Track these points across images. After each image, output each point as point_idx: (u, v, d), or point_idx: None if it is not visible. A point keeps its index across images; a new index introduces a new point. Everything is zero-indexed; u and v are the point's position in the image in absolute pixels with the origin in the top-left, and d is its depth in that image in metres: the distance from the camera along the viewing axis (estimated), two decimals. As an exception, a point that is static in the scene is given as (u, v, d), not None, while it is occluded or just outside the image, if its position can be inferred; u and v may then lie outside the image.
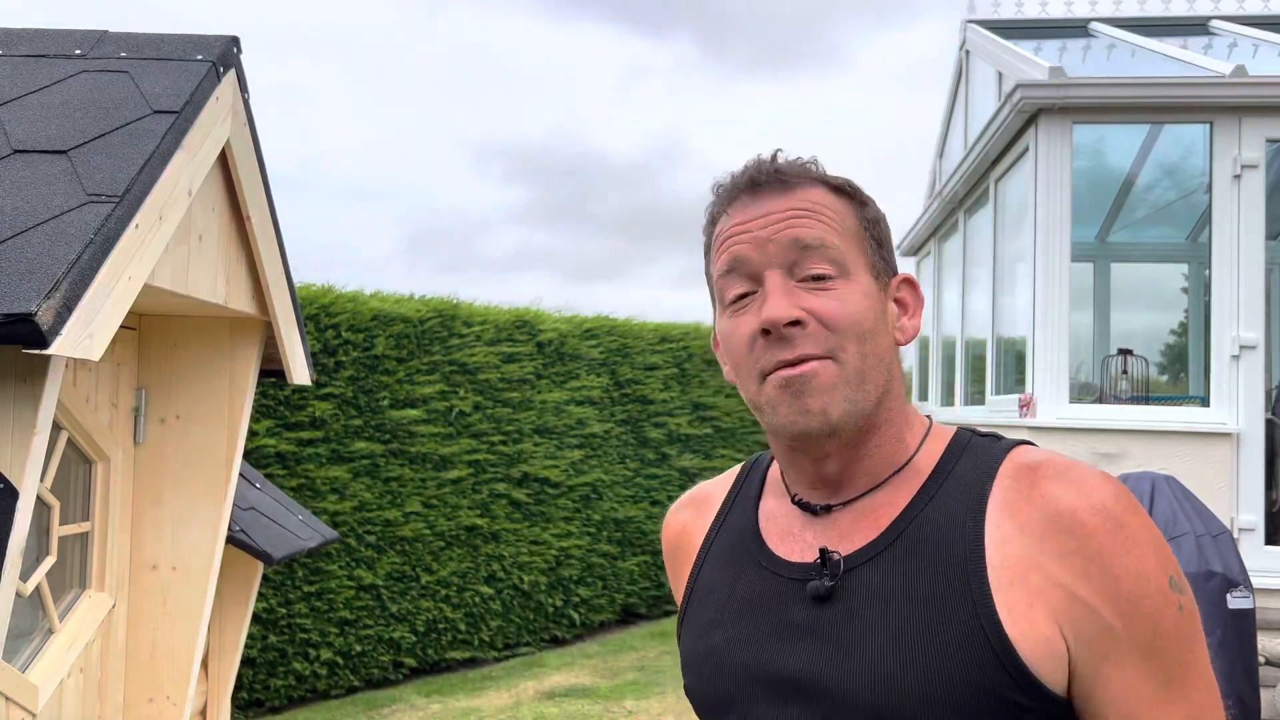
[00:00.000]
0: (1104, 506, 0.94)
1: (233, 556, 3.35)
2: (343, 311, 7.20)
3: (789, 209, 1.02)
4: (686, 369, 10.11)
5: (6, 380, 1.95)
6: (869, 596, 0.97)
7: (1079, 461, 1.00)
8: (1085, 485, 0.95)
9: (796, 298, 1.00)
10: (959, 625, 0.93)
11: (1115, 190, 6.78)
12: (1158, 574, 0.94)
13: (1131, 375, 5.61)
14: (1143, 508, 0.98)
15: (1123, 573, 0.93)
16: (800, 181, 1.04)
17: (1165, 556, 0.96)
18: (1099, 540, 0.93)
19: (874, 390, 1.01)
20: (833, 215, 1.03)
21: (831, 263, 1.01)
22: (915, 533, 0.98)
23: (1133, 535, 0.94)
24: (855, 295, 1.00)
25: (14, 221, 2.01)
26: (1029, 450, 1.02)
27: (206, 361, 3.00)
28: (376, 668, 7.35)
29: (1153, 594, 0.93)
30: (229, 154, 2.71)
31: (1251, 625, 3.31)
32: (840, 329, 0.99)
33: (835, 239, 1.01)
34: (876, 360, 1.01)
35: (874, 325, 1.01)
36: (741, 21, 70.58)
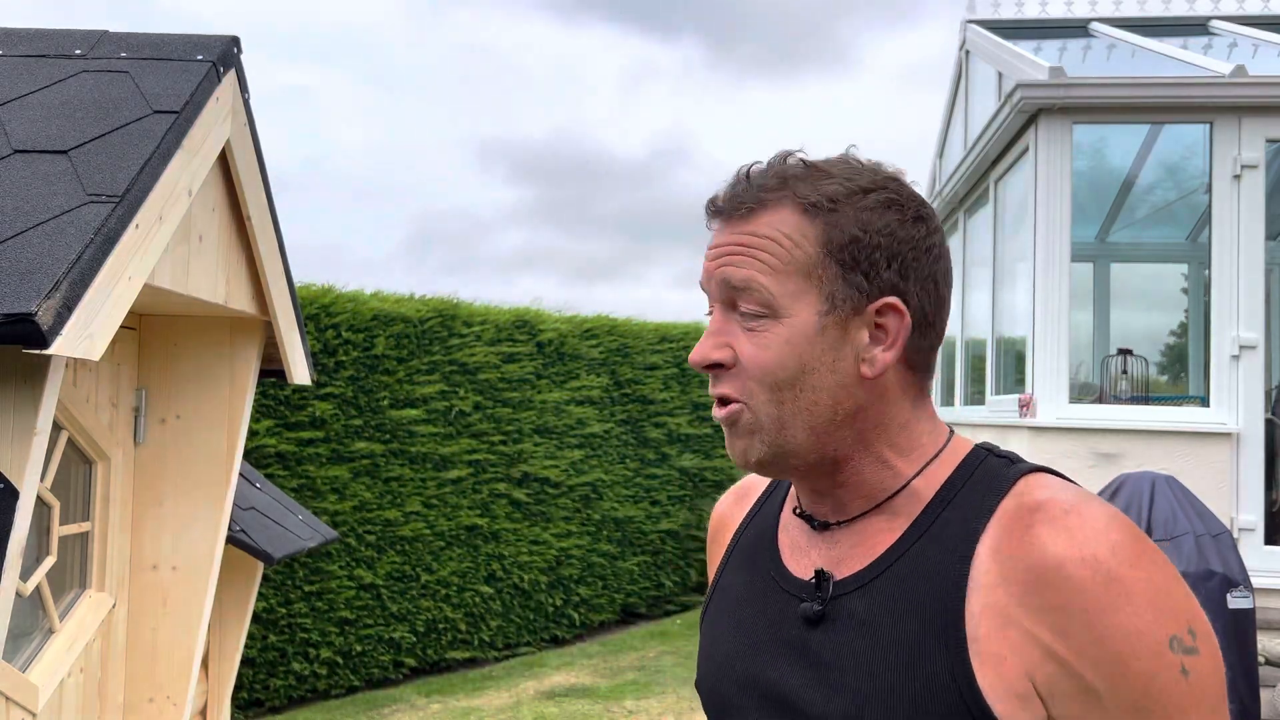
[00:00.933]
0: (1094, 558, 0.88)
1: (233, 556, 3.35)
2: (343, 311, 7.20)
3: (730, 244, 1.00)
4: (686, 369, 10.11)
5: (6, 380, 1.95)
6: (855, 626, 0.97)
7: (1089, 500, 0.92)
8: (1080, 533, 0.89)
9: (726, 337, 1.00)
10: (933, 670, 0.91)
11: (1115, 190, 6.78)
12: (1154, 633, 0.87)
13: (1131, 375, 5.61)
14: (1155, 557, 0.89)
15: (1107, 632, 0.87)
16: (761, 206, 1.00)
17: (1168, 613, 0.88)
18: (1084, 596, 0.88)
19: (804, 434, 0.98)
20: (778, 248, 0.98)
21: (759, 304, 0.98)
22: (905, 566, 0.97)
23: (1126, 590, 0.87)
24: (777, 341, 0.97)
25: (14, 221, 2.01)
26: (1039, 483, 0.96)
27: (206, 361, 3.00)
28: (376, 668, 7.35)
29: (1143, 655, 0.87)
30: (229, 154, 2.71)
31: (1251, 625, 3.31)
32: (752, 376, 0.98)
33: (765, 278, 0.98)
34: (809, 403, 0.98)
35: (799, 369, 0.97)
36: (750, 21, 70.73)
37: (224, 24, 43.91)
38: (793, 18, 73.74)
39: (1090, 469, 4.48)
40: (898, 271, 0.99)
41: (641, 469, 9.61)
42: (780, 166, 1.03)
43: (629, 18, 72.22)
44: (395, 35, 53.63)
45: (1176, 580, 0.90)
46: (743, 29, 74.20)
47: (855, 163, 1.03)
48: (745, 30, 74.22)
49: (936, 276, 1.01)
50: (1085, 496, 0.93)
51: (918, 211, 1.01)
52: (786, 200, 1.00)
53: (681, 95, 58.31)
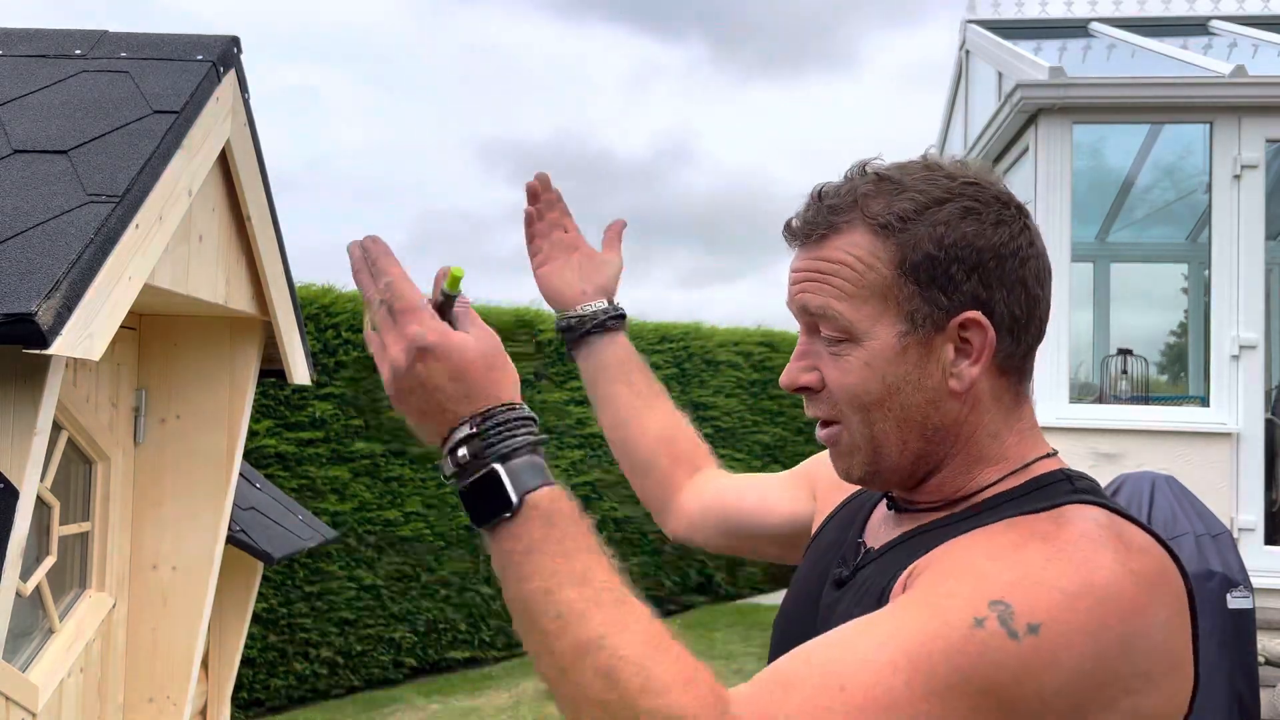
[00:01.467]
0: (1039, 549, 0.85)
1: (233, 556, 3.35)
2: (343, 311, 7.20)
3: (805, 270, 1.01)
4: (686, 369, 10.11)
5: (6, 380, 1.95)
6: (859, 585, 1.01)
7: (1099, 542, 0.86)
8: (1058, 540, 0.86)
9: (813, 360, 1.01)
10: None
11: (1115, 190, 6.78)
12: (995, 586, 0.82)
13: (1131, 375, 5.61)
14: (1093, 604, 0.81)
15: (966, 563, 0.86)
16: (833, 230, 0.99)
17: (1030, 595, 0.81)
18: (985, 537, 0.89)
19: (898, 452, 0.99)
20: (850, 272, 0.98)
21: (837, 330, 0.98)
22: (910, 545, 0.98)
23: (1024, 558, 0.84)
24: (857, 365, 0.98)
25: (14, 221, 2.01)
26: (1076, 513, 0.91)
27: (206, 361, 3.00)
28: (377, 667, 7.34)
29: (964, 581, 0.83)
30: (229, 154, 2.71)
31: (1251, 625, 3.30)
32: (840, 400, 0.99)
33: (840, 304, 0.98)
34: (899, 421, 0.98)
35: (885, 390, 0.97)
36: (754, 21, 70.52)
37: (226, 24, 43.94)
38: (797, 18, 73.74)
39: (1090, 469, 4.46)
40: (980, 282, 0.97)
41: (641, 469, 9.61)
42: (852, 184, 1.01)
43: (633, 18, 72.19)
44: (398, 35, 53.68)
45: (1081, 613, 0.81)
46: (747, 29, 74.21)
47: (935, 168, 1.01)
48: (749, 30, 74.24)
49: (1025, 279, 0.99)
50: (1108, 539, 0.87)
51: (999, 216, 0.98)
52: (857, 222, 0.98)
53: (685, 95, 58.30)
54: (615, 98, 54.01)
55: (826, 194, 1.01)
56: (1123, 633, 0.82)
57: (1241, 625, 3.25)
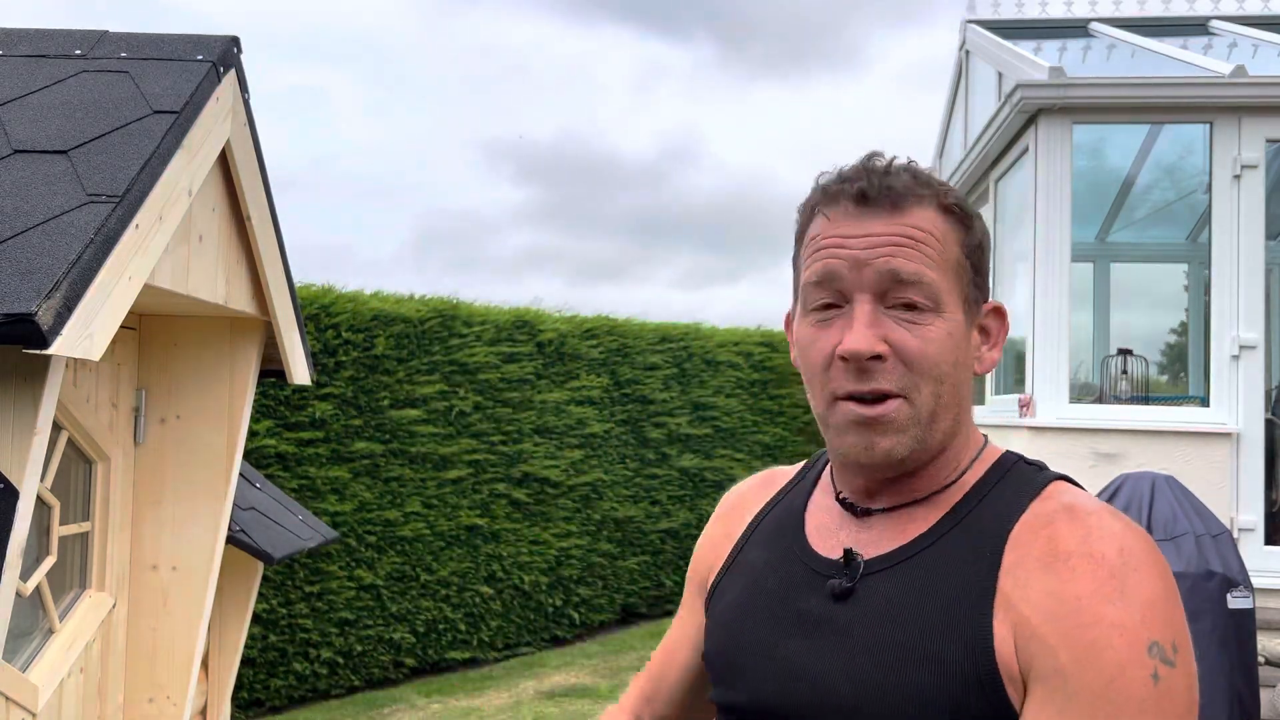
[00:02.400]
0: (1102, 554, 0.92)
1: (233, 556, 3.35)
2: (343, 311, 7.20)
3: (892, 235, 1.00)
4: (686, 369, 10.11)
5: (7, 380, 1.95)
6: (882, 604, 0.99)
7: (1110, 511, 0.96)
8: (1095, 532, 0.93)
9: (882, 328, 0.99)
10: (955, 652, 0.93)
11: (1115, 190, 6.78)
12: (1137, 632, 0.88)
13: (1131, 375, 5.61)
14: (1161, 570, 0.92)
15: (1093, 619, 0.89)
16: (910, 201, 1.01)
17: (1158, 621, 0.89)
18: (1079, 584, 0.90)
19: (943, 428, 1.02)
20: (936, 245, 1.01)
21: (926, 298, 0.99)
22: (937, 552, 0.99)
23: (1121, 588, 0.90)
24: (941, 335, 0.99)
25: (14, 221, 2.01)
26: (1064, 489, 1.01)
27: (206, 361, 3.00)
28: (377, 667, 7.35)
29: (1120, 648, 0.88)
30: (229, 154, 2.71)
31: (1251, 625, 3.31)
32: (919, 370, 0.99)
33: (933, 273, 1.00)
34: (951, 398, 1.01)
35: (954, 364, 1.01)
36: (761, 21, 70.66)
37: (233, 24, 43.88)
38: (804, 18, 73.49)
39: (1090, 469, 4.48)
40: (990, 278, 1.08)
41: (641, 469, 9.61)
42: (902, 166, 1.04)
43: (641, 18, 72.03)
44: (405, 35, 53.56)
45: (1174, 596, 0.92)
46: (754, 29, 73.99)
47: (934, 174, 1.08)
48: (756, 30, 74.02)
49: None
50: (1108, 507, 0.97)
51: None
52: (931, 200, 1.02)
53: (691, 96, 58.10)
54: (621, 98, 53.95)
55: (887, 170, 1.03)
56: (1176, 590, 0.94)
57: (1241, 625, 3.25)
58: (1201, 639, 3.20)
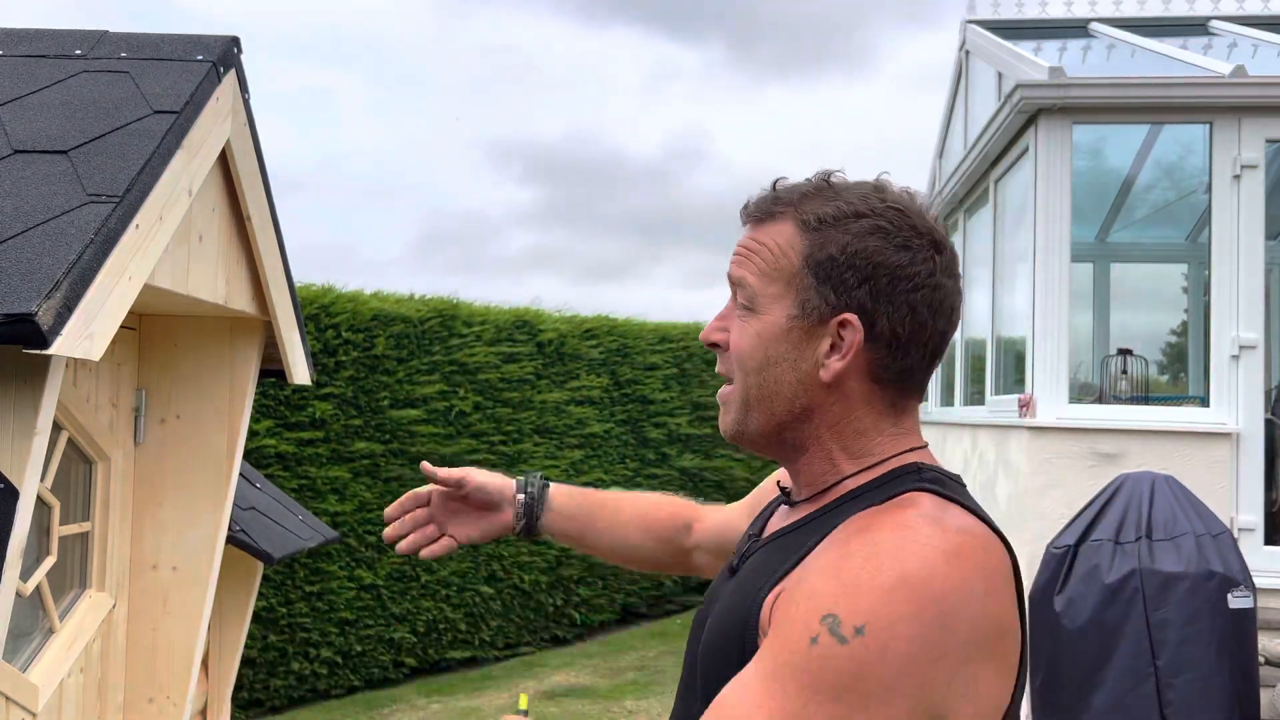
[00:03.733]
0: (853, 543, 0.97)
1: (233, 556, 3.35)
2: (343, 311, 7.20)
3: (741, 245, 1.16)
4: (686, 369, 10.11)
5: (7, 380, 1.95)
6: (740, 576, 1.14)
7: (913, 529, 0.96)
8: (875, 529, 0.97)
9: (727, 321, 1.16)
10: (740, 619, 1.05)
11: (1115, 190, 6.78)
12: (822, 600, 0.92)
13: (1131, 375, 5.61)
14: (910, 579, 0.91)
15: (805, 587, 0.96)
16: (769, 217, 1.14)
17: (850, 601, 0.91)
18: (820, 559, 0.99)
19: (764, 417, 1.12)
20: (768, 255, 1.12)
21: (745, 299, 1.13)
22: (789, 539, 1.09)
23: (839, 567, 0.94)
24: (749, 332, 1.12)
25: (14, 221, 2.01)
26: (911, 499, 1.02)
27: (206, 361, 3.00)
28: (377, 667, 7.34)
29: (800, 607, 0.94)
30: (229, 154, 2.71)
31: (1252, 625, 3.30)
32: (736, 358, 1.14)
33: (754, 279, 1.12)
34: (770, 391, 1.11)
35: (764, 362, 1.11)
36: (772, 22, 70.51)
37: (240, 25, 43.89)
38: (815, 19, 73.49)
39: (1090, 469, 4.48)
40: (868, 293, 1.08)
41: (641, 469, 9.61)
42: (802, 184, 1.15)
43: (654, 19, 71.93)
44: (414, 35, 53.51)
45: (898, 599, 0.90)
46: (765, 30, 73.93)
47: (879, 189, 1.13)
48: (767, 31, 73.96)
49: (915, 303, 1.08)
50: (923, 526, 0.97)
51: (905, 241, 1.09)
52: (789, 216, 1.12)
53: (701, 96, 58.01)
54: (631, 99, 53.96)
55: (779, 187, 1.16)
56: (941, 611, 0.91)
57: (1241, 625, 3.25)
58: (1201, 639, 3.20)
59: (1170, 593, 3.22)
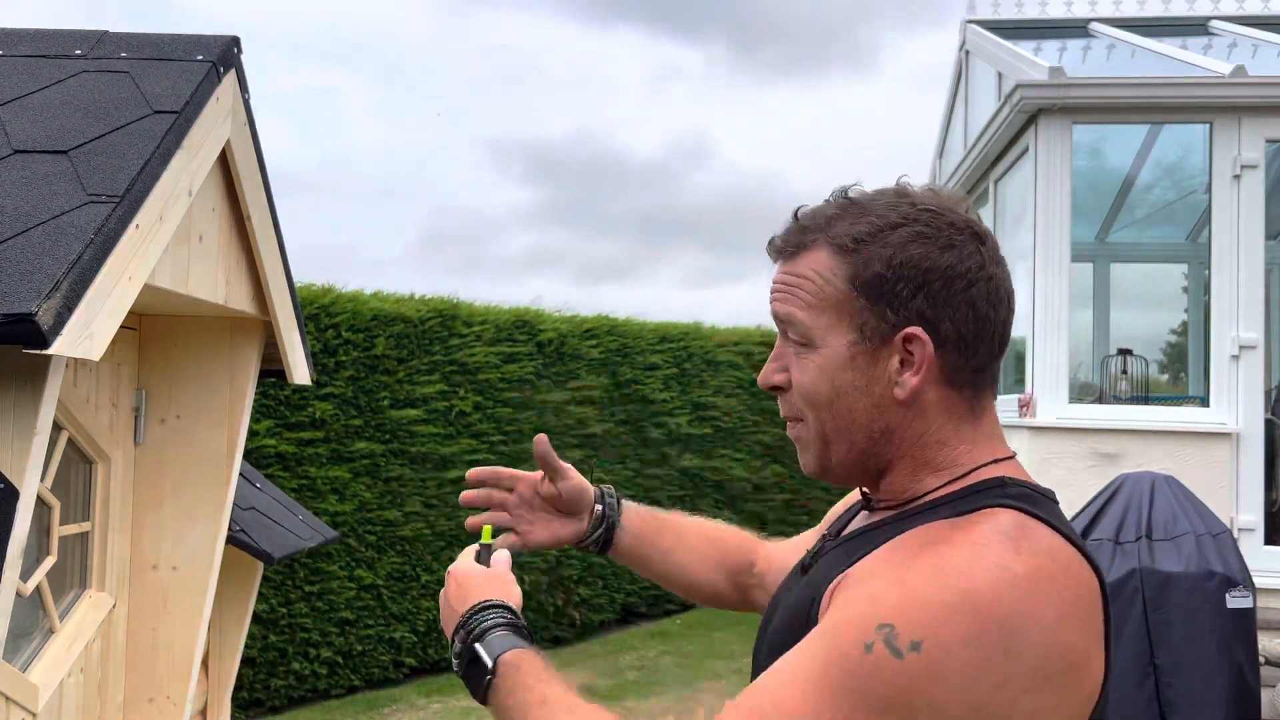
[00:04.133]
0: (920, 548, 0.94)
1: (233, 556, 3.35)
2: (343, 311, 7.20)
3: (779, 282, 1.12)
4: (686, 369, 10.11)
5: (7, 380, 1.95)
6: (812, 574, 1.13)
7: (986, 548, 0.92)
8: (949, 539, 0.94)
9: (784, 361, 1.13)
10: (804, 609, 1.05)
11: (1115, 190, 6.78)
12: (880, 607, 0.89)
13: (1131, 375, 5.61)
14: (976, 604, 0.87)
15: (865, 585, 0.95)
16: (800, 248, 1.11)
17: (912, 614, 0.87)
18: (884, 559, 0.97)
19: (844, 449, 1.09)
20: (812, 286, 1.09)
21: (799, 336, 1.10)
22: (863, 539, 1.08)
23: (903, 575, 0.91)
24: (811, 368, 1.09)
25: (14, 221, 2.01)
26: (987, 515, 0.98)
27: (207, 361, 3.00)
28: (377, 667, 7.34)
29: (858, 609, 0.92)
30: (229, 154, 2.71)
31: (1251, 625, 3.31)
32: (802, 397, 1.10)
33: (802, 313, 1.09)
34: (846, 422, 1.08)
35: (833, 394, 1.07)
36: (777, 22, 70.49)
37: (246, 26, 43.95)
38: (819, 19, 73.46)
39: (1090, 469, 4.48)
40: (926, 301, 1.05)
41: (641, 469, 9.60)
42: (824, 207, 1.12)
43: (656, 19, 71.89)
44: (418, 36, 53.52)
45: (962, 622, 0.87)
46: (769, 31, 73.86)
47: (903, 195, 1.10)
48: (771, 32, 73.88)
49: (974, 299, 1.07)
50: (996, 545, 0.92)
51: (949, 240, 1.07)
52: (822, 242, 1.09)
53: (703, 96, 58.02)
54: (634, 99, 53.95)
55: (802, 216, 1.13)
56: (1004, 635, 0.86)
57: (1241, 625, 3.25)
58: (1201, 639, 3.20)
59: (1170, 592, 3.22)
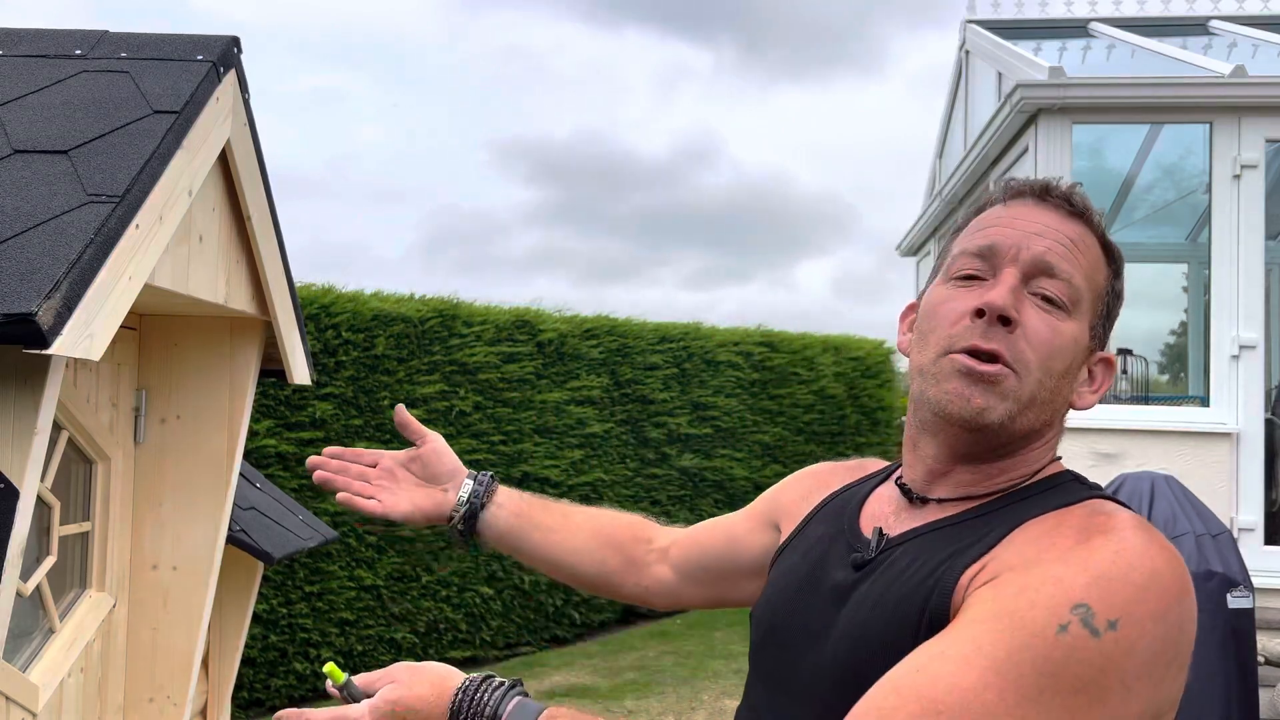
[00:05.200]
0: (1091, 533, 0.93)
1: (233, 556, 3.35)
2: (343, 311, 7.20)
3: (1060, 232, 1.07)
4: (686, 369, 10.11)
5: (7, 380, 1.95)
6: (887, 568, 1.04)
7: (1148, 532, 0.94)
8: (1114, 532, 0.93)
9: (1020, 301, 1.04)
10: (920, 597, 0.97)
11: (1115, 190, 6.78)
12: (1071, 587, 0.87)
13: (1131, 375, 5.61)
14: (1158, 586, 0.89)
15: (1039, 570, 0.91)
16: (1082, 218, 1.10)
17: (1103, 592, 0.87)
18: (1054, 548, 0.93)
19: (1031, 421, 1.04)
20: (1089, 263, 1.08)
21: (1067, 297, 1.05)
22: (955, 529, 1.03)
23: (1086, 557, 0.90)
24: (1067, 332, 1.04)
25: (14, 221, 2.01)
26: (1103, 504, 1.00)
27: (207, 361, 3.00)
28: (377, 667, 7.34)
29: (1045, 592, 0.88)
30: (229, 154, 2.71)
31: (1251, 625, 3.31)
32: (1038, 352, 1.03)
33: (1081, 281, 1.06)
34: (1049, 397, 1.04)
35: (1065, 368, 1.05)
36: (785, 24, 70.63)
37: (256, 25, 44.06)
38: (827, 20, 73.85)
39: (1090, 469, 4.48)
40: (1108, 329, 1.12)
41: (641, 469, 9.61)
42: (1080, 192, 1.12)
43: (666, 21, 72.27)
44: (428, 37, 53.78)
45: (1147, 593, 0.88)
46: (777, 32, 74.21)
47: (1088, 197, 1.12)
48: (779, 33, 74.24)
49: None
50: (1142, 524, 0.95)
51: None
52: (1094, 232, 1.11)
53: (712, 97, 58.28)
54: (643, 100, 54.21)
55: (1069, 189, 1.11)
56: (1180, 613, 0.90)
57: (1241, 625, 3.25)
58: (1201, 639, 3.20)
59: (1170, 593, 3.21)
